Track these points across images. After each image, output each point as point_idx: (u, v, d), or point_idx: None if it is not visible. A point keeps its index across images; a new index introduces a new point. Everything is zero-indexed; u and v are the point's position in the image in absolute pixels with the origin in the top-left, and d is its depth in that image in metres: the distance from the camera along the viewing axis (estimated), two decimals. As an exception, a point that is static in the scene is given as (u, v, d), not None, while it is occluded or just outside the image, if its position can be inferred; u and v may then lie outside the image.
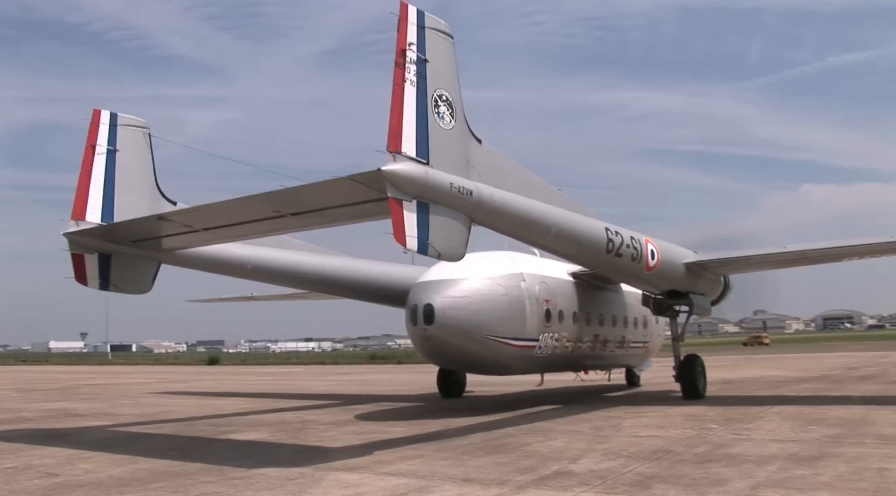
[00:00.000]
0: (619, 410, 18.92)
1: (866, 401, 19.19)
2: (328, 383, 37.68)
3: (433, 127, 13.04)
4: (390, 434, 15.18)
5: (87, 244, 16.29)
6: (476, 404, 22.39)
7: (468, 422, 17.07)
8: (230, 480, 10.15)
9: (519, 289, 19.53)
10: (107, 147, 17.15)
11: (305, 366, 71.00)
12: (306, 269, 20.60)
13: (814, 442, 12.40)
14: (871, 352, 60.59)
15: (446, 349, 19.22)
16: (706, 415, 17.14)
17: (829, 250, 21.58)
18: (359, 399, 25.61)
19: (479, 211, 13.72)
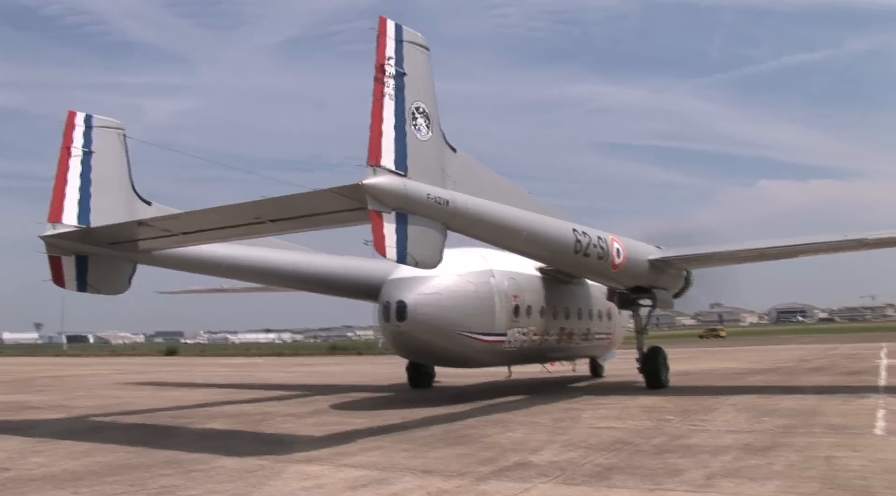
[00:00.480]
0: (578, 402, 19.08)
1: (817, 392, 19.57)
2: (288, 375, 37.45)
3: (411, 139, 13.40)
4: (351, 426, 15.14)
5: (64, 246, 16.29)
6: (442, 395, 22.68)
7: (429, 413, 17.10)
8: (189, 473, 10.04)
9: (488, 285, 20.01)
10: (82, 149, 17.12)
11: (265, 358, 70.51)
12: (280, 267, 21.03)
13: (767, 432, 12.63)
14: (822, 344, 61.79)
15: (418, 345, 19.57)
16: (664, 406, 17.36)
17: (786, 248, 22.55)
18: (322, 389, 25.50)
19: (454, 219, 14.21)
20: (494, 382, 26.24)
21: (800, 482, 8.59)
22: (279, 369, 44.38)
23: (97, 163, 17.20)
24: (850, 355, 41.32)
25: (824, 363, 34.36)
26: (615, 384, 25.22)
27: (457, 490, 8.68)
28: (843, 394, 19.06)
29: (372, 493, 8.63)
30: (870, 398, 17.88)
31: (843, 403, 16.83)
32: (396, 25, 13.59)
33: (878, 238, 21.21)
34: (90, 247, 16.56)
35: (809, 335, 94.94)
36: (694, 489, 8.41)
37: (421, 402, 19.86)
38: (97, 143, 17.36)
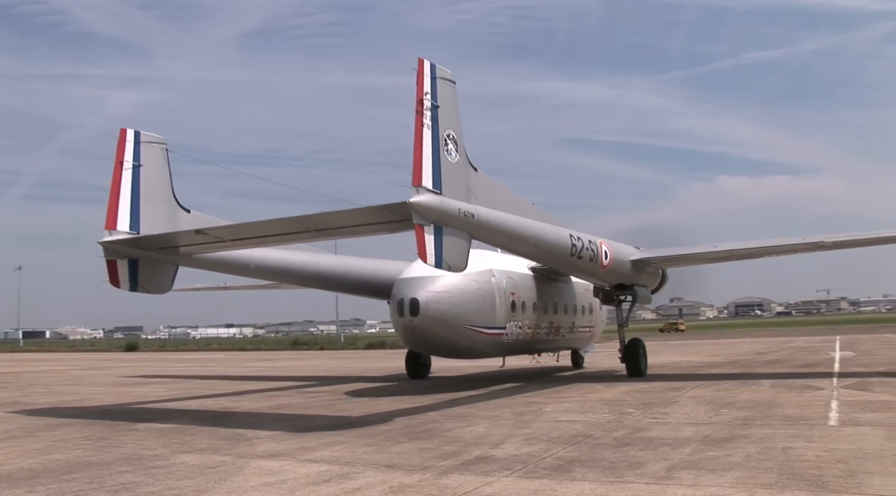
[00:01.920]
0: (540, 395, 19.19)
1: (773, 385, 19.92)
2: (250, 370, 37.16)
3: (444, 162, 15.69)
4: (313, 421, 15.08)
5: (119, 251, 18.30)
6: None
7: (392, 407, 17.09)
8: (148, 469, 9.91)
9: (490, 283, 22.27)
10: (132, 162, 19.12)
11: (227, 353, 69.92)
12: (300, 267, 23.18)
13: (725, 424, 12.81)
14: (779, 337, 62.93)
15: (429, 337, 21.71)
16: (625, 399, 17.53)
17: (752, 249, 24.86)
18: (284, 382, 25.36)
19: (477, 229, 16.46)
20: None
21: (757, 473, 8.72)
22: (240, 365, 44.01)
23: (144, 175, 19.19)
24: (806, 348, 42.13)
25: (781, 356, 34.98)
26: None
27: (419, 484, 8.67)
28: (799, 386, 19.41)
29: (334, 488, 8.59)
30: (824, 390, 18.25)
31: (799, 395, 17.16)
32: (431, 65, 15.88)
33: (834, 241, 23.54)
34: (141, 251, 18.54)
35: (767, 329, 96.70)
36: (654, 481, 8.49)
37: (404, 392, 19.86)
38: (144, 157, 19.35)
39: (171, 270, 19.49)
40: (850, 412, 13.94)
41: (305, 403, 19.14)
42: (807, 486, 8.00)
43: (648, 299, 26.73)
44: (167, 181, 19.88)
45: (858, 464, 9.06)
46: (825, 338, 54.69)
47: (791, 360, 31.16)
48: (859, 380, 20.68)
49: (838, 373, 23.50)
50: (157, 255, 18.84)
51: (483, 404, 17.45)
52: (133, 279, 18.56)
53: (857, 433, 11.47)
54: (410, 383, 24.85)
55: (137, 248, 18.46)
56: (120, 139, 19.16)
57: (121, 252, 18.36)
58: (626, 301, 25.53)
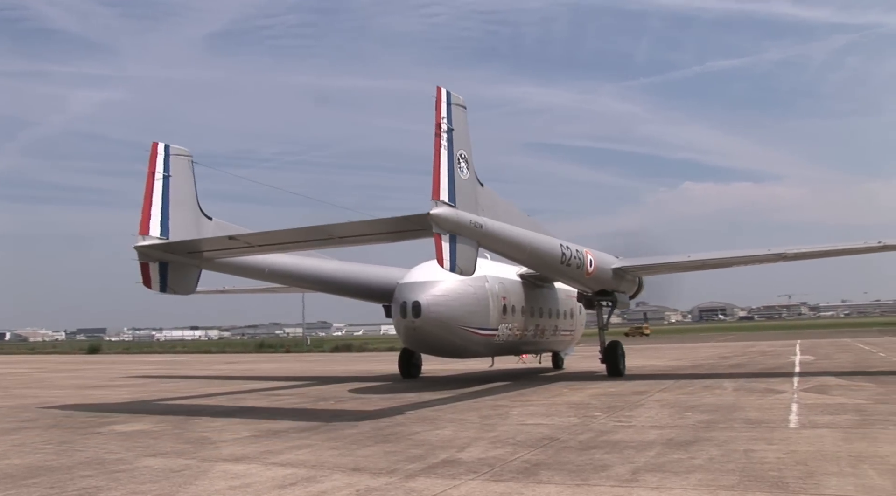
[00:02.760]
0: (506, 399, 19.24)
1: (736, 388, 20.16)
2: (215, 372, 36.81)
3: (457, 179, 17.58)
4: (279, 424, 14.98)
5: (151, 255, 19.85)
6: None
7: (358, 411, 17.04)
8: (112, 474, 9.79)
9: (484, 288, 24.03)
10: (163, 173, 20.73)
11: (191, 355, 69.23)
12: (307, 271, 24.92)
13: (689, 427, 12.95)
14: (741, 342, 63.73)
15: (429, 337, 23.54)
16: (590, 403, 17.64)
17: (721, 259, 27.35)
18: (249, 385, 25.16)
19: (484, 238, 18.33)
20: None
21: (720, 475, 8.83)
22: (205, 367, 43.60)
23: (173, 185, 20.82)
24: (767, 352, 42.72)
25: (743, 360, 35.43)
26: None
27: (385, 487, 8.66)
28: (761, 389, 19.67)
29: (300, 492, 8.55)
30: (785, 393, 18.51)
31: (761, 399, 17.39)
32: (447, 92, 17.84)
33: (795, 252, 25.76)
34: (171, 255, 20.10)
35: (729, 333, 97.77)
36: (619, 484, 8.56)
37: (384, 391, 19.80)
38: (173, 169, 20.98)
39: (195, 273, 21.06)
40: (810, 415, 14.16)
41: (271, 406, 19.02)
42: (768, 488, 8.11)
43: (627, 304, 28.55)
44: (193, 190, 21.56)
45: (817, 466, 9.21)
46: (786, 343, 55.51)
47: (753, 364, 31.58)
48: (818, 383, 21.01)
49: (798, 377, 23.84)
50: (184, 259, 20.46)
51: (450, 407, 17.46)
52: (163, 281, 20.10)
53: (816, 435, 11.66)
54: (387, 384, 24.89)
55: (168, 252, 20.06)
56: (152, 152, 20.83)
57: (153, 256, 19.92)
58: (607, 306, 27.35)
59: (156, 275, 20.00)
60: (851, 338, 61.21)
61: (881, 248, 25.06)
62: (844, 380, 21.84)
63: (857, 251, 26.16)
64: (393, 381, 26.90)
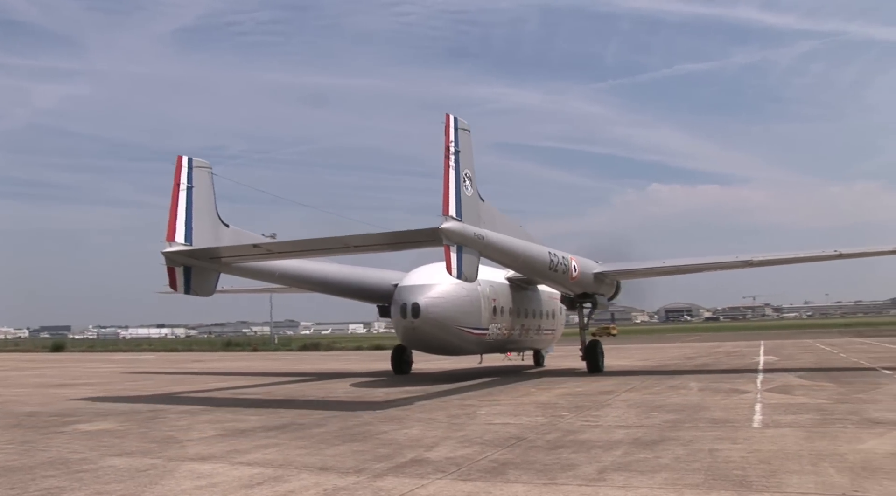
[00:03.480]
0: (474, 398, 19.28)
1: (701, 388, 20.37)
2: (182, 371, 36.46)
3: (463, 196, 19.79)
4: (246, 423, 14.88)
5: (177, 260, 21.81)
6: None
7: (326, 410, 16.98)
8: (75, 474, 9.66)
9: (476, 291, 25.89)
10: (186, 185, 22.64)
11: (157, 354, 68.51)
12: (311, 274, 26.98)
13: (655, 427, 13.06)
14: (707, 342, 64.43)
15: (427, 337, 25.38)
16: (557, 402, 17.73)
17: (695, 265, 29.66)
18: (216, 383, 24.95)
19: (485, 249, 20.47)
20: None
21: (686, 474, 8.92)
22: (171, 366, 43.16)
23: (195, 195, 22.76)
24: (732, 353, 43.22)
25: (709, 360, 35.82)
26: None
27: (353, 487, 8.64)
28: (726, 389, 19.89)
29: (268, 491, 8.50)
30: (749, 393, 18.74)
31: (725, 398, 17.58)
32: (455, 118, 20.10)
33: (761, 260, 28.12)
34: (195, 260, 22.11)
35: (695, 333, 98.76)
36: (586, 483, 8.62)
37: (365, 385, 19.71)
38: (195, 180, 22.90)
39: (215, 277, 22.99)
40: (773, 414, 14.35)
41: (238, 405, 18.88)
42: (732, 486, 8.22)
43: (606, 306, 30.75)
44: (212, 200, 23.49)
45: (779, 464, 9.34)
46: (751, 344, 56.17)
47: (718, 365, 31.94)
48: (781, 383, 21.29)
49: (762, 377, 24.15)
50: (206, 264, 22.45)
51: (418, 406, 17.46)
52: (187, 284, 22.00)
53: (779, 434, 11.82)
54: (358, 382, 24.80)
55: (192, 258, 22.06)
56: (177, 165, 22.74)
57: (178, 261, 21.84)
58: (587, 307, 29.63)
59: (181, 279, 21.89)
60: (813, 339, 62.10)
61: (837, 257, 27.73)
62: (806, 380, 22.17)
63: (816, 259, 28.92)
64: (371, 378, 27.53)
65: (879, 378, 22.31)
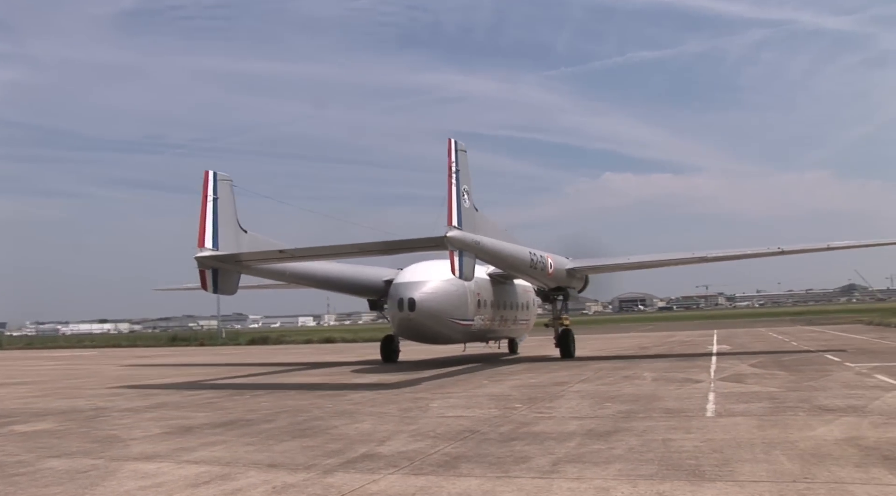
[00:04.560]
0: (427, 391, 19.31)
1: (655, 379, 20.66)
2: (125, 367, 35.86)
3: (462, 208, 23.98)
4: (192, 420, 14.70)
5: (207, 263, 25.58)
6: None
7: (274, 405, 16.85)
8: (10, 477, 9.43)
9: (464, 286, 29.73)
10: (213, 196, 26.48)
11: (100, 350, 67.31)
12: (316, 273, 30.98)
13: (609, 418, 13.21)
14: (660, 332, 65.33)
15: (421, 328, 29.51)
16: (510, 394, 17.83)
17: (655, 262, 34.72)
18: (161, 379, 24.58)
19: (480, 253, 24.64)
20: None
21: (639, 465, 9.04)
22: (115, 362, 42.41)
23: (220, 206, 26.57)
24: (686, 342, 43.93)
25: (662, 350, 36.36)
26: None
27: (303, 483, 8.59)
28: (679, 379, 20.20)
29: (215, 490, 8.40)
30: (702, 383, 19.04)
31: (679, 388, 17.86)
32: (455, 141, 24.78)
33: (715, 256, 33.99)
34: (221, 263, 25.87)
35: (649, 323, 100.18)
36: (540, 475, 8.68)
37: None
38: (220, 192, 26.74)
39: (237, 277, 26.76)
40: (726, 403, 14.60)
41: (184, 402, 18.64)
42: (685, 476, 8.35)
43: (576, 298, 36.04)
44: (233, 209, 27.29)
45: (732, 453, 9.52)
46: (704, 333, 57.13)
47: (672, 354, 32.43)
48: (734, 372, 21.67)
49: (715, 365, 24.56)
50: (230, 266, 26.16)
51: (370, 400, 17.43)
52: (215, 285, 25.75)
53: (732, 423, 12.04)
54: (309, 374, 24.65)
55: (220, 261, 25.74)
56: (205, 179, 26.60)
57: (208, 264, 25.56)
58: (559, 299, 33.88)
59: (210, 280, 25.57)
60: (766, 327, 63.41)
61: (780, 253, 32.25)
62: (759, 369, 22.60)
63: (763, 255, 33.11)
64: (324, 371, 27.09)
65: (828, 365, 22.86)
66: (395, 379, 23.43)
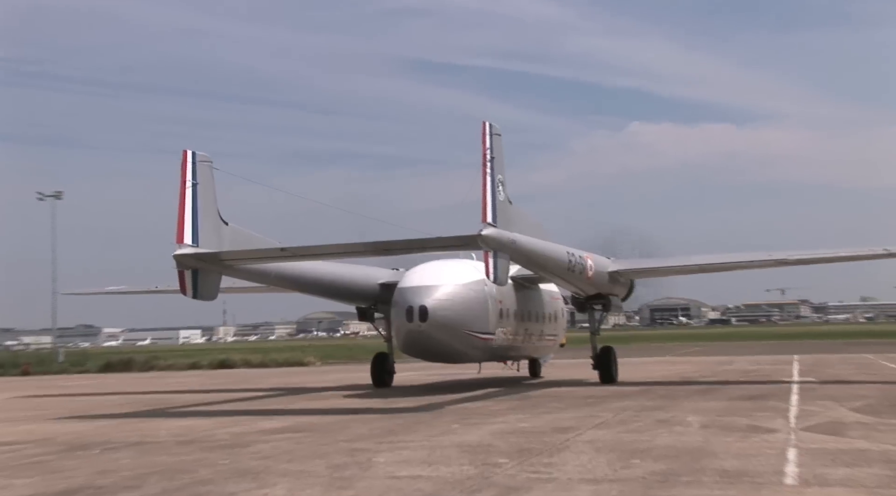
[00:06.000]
0: (370, 439, 19.30)
1: (704, 425, 20.72)
2: None
3: (498, 201, 28.07)
4: (10, 491, 14.55)
5: (186, 263, 28.88)
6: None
7: (140, 461, 16.75)
8: None
9: (483, 291, 33.83)
10: (192, 181, 29.88)
11: None
12: (304, 273, 34.82)
13: (637, 482, 13.25)
14: (712, 356, 65.65)
15: (434, 342, 33.10)
16: (492, 444, 17.85)
17: (723, 264, 38.82)
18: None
19: (514, 253, 28.82)
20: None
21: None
22: None
23: (200, 192, 29.92)
24: (751, 372, 44.18)
25: (715, 382, 36.47)
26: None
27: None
28: (742, 427, 20.22)
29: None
30: (777, 433, 19.06)
31: (742, 440, 17.87)
32: (490, 124, 29.35)
33: (798, 258, 37.08)
34: (202, 263, 29.26)
35: (694, 343, 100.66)
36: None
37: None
38: (200, 176, 30.23)
39: (218, 279, 30.29)
40: (816, 466, 14.49)
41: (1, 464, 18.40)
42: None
43: (620, 307, 39.99)
44: (214, 196, 30.80)
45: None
46: (778, 359, 57.14)
47: (729, 389, 32.53)
48: (828, 419, 21.67)
49: (797, 408, 24.58)
50: (211, 266, 29.70)
51: (285, 452, 17.42)
52: (195, 288, 29.11)
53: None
54: (172, 413, 24.53)
55: (200, 260, 29.11)
56: (183, 160, 30.10)
57: (187, 264, 28.87)
58: (598, 309, 38.17)
59: (189, 283, 28.92)
60: (876, 354, 62.61)
61: (887, 255, 34.03)
62: (867, 415, 22.49)
63: (862, 258, 35.95)
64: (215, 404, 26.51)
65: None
66: (327, 419, 23.40)
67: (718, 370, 47.05)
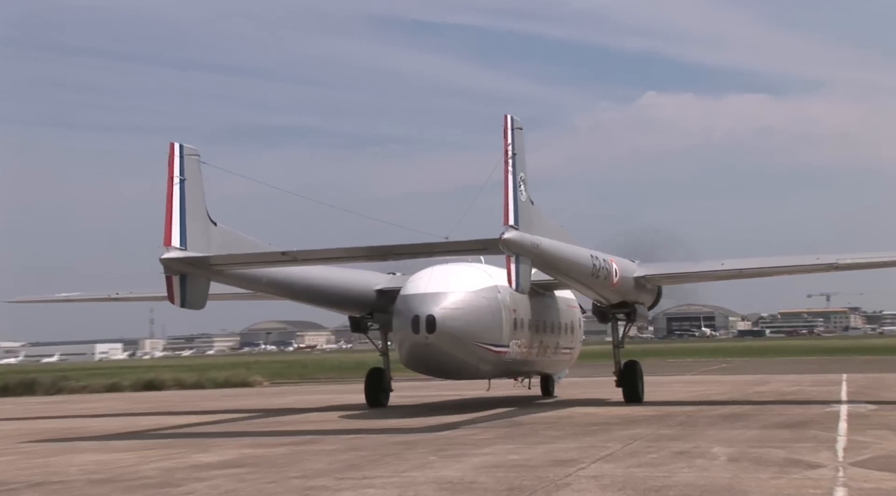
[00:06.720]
0: (330, 473, 19.33)
1: (733, 458, 20.81)
2: None
3: (519, 202, 30.33)
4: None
5: (174, 268, 30.99)
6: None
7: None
8: None
9: (497, 300, 36.36)
10: (179, 177, 32.01)
11: None
12: (295, 280, 37.33)
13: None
14: (741, 375, 65.84)
15: (441, 356, 35.58)
16: (476, 480, 17.91)
17: (763, 269, 42.68)
18: None
19: (536, 258, 30.99)
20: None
21: None
22: None
23: (188, 189, 32.12)
24: (790, 394, 44.50)
25: (747, 408, 36.66)
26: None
27: None
28: (779, 461, 20.32)
29: None
30: (822, 468, 19.13)
31: (778, 477, 17.95)
32: (512, 118, 31.53)
33: (850, 262, 39.03)
34: (190, 267, 31.44)
35: (720, 359, 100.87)
36: None
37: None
38: (187, 171, 32.51)
39: (206, 285, 32.58)
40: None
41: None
42: None
43: (645, 317, 43.65)
44: (202, 193, 33.07)
45: None
46: (822, 379, 57.32)
47: (763, 415, 32.68)
48: (884, 452, 21.75)
49: (846, 437, 24.66)
50: (199, 271, 31.98)
51: (226, 492, 17.38)
52: (183, 295, 31.36)
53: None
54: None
55: (189, 265, 31.24)
56: (170, 154, 32.35)
57: (175, 268, 31.00)
58: (622, 319, 41.38)
59: (177, 289, 31.08)
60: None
61: None
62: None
63: None
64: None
65: None
66: (277, 451, 23.42)
67: (749, 391, 47.18)
